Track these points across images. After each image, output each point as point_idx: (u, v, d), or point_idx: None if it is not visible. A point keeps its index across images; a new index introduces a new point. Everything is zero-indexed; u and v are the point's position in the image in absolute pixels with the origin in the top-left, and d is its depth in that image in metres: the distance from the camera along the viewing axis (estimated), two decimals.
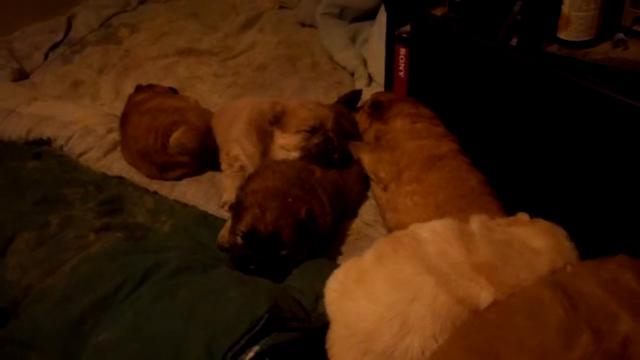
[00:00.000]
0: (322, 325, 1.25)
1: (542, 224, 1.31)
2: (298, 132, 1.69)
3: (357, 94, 2.14)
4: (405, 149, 1.62)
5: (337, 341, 1.18)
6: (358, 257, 1.31)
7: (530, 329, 1.01)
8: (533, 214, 1.58)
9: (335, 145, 1.69)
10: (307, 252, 1.52)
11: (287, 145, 1.71)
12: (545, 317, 1.02)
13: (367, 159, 1.70)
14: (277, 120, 1.72)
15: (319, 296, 1.31)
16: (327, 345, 1.20)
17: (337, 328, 1.20)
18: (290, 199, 1.50)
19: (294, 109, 1.73)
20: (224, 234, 1.64)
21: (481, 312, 1.11)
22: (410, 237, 1.25)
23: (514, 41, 1.63)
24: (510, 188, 1.59)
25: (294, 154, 1.70)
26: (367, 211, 1.77)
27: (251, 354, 1.17)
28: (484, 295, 1.12)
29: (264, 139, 1.76)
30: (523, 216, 1.35)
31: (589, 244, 1.45)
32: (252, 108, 1.85)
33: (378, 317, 1.12)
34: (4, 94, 2.31)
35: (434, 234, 1.23)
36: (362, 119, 1.88)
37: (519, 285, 1.14)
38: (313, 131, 1.69)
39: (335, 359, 1.18)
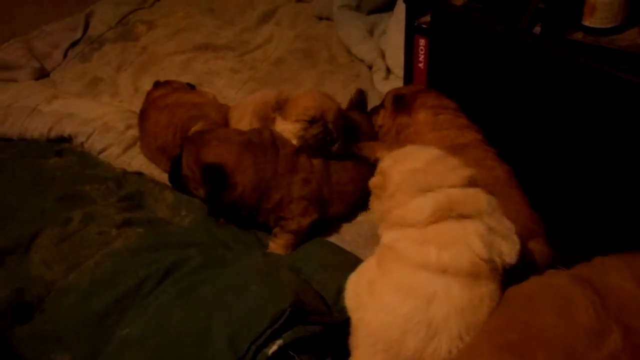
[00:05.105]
0: (345, 319, 1.24)
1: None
2: (297, 120, 1.68)
3: (361, 94, 2.11)
4: (427, 141, 1.60)
5: (362, 344, 1.17)
6: (365, 262, 1.28)
7: (560, 328, 1.00)
8: (558, 205, 1.56)
9: (333, 137, 1.67)
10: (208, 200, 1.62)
11: (285, 132, 1.70)
12: (574, 316, 1.00)
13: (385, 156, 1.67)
14: (280, 107, 1.72)
15: (341, 290, 1.30)
16: (352, 346, 1.19)
17: (361, 335, 1.18)
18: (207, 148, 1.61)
19: (297, 97, 1.73)
20: None
21: (511, 309, 1.09)
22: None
23: (537, 29, 1.59)
24: (536, 180, 1.56)
25: (292, 142, 1.69)
26: None
27: (274, 347, 1.17)
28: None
29: (267, 125, 1.77)
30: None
31: (617, 235, 1.42)
32: (259, 100, 1.87)
33: (400, 329, 1.10)
34: (25, 93, 2.34)
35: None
36: (380, 117, 1.83)
37: None
38: (312, 121, 1.67)
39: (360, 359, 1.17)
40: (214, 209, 1.65)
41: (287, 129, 1.69)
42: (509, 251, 1.14)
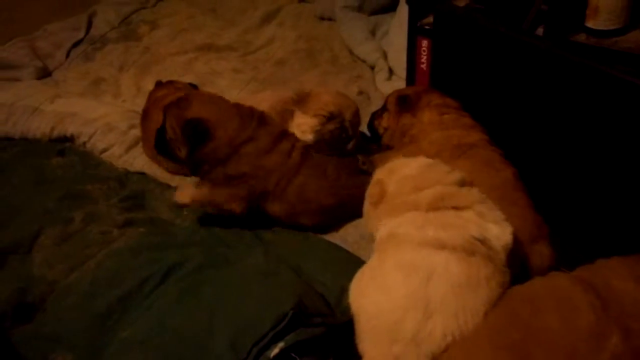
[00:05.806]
0: (347, 320, 1.24)
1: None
2: (316, 115, 1.71)
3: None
4: (433, 139, 1.59)
5: (365, 335, 1.18)
6: (369, 261, 1.29)
7: (561, 331, 1.01)
8: (562, 206, 1.55)
9: (349, 135, 1.71)
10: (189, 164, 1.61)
11: (303, 125, 1.73)
12: (576, 319, 1.02)
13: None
14: (301, 100, 1.76)
15: (343, 290, 1.30)
16: (357, 341, 1.20)
17: (362, 324, 1.19)
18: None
19: (318, 93, 1.77)
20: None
21: (513, 309, 1.09)
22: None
23: (539, 31, 1.59)
24: (540, 181, 1.55)
25: (309, 136, 1.71)
26: None
27: (276, 350, 1.17)
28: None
29: (285, 118, 1.78)
30: None
31: (621, 238, 1.42)
32: (276, 97, 1.87)
33: (400, 309, 1.11)
34: (27, 92, 2.34)
35: None
36: (384, 120, 1.79)
37: None
38: (331, 117, 1.71)
39: (367, 354, 1.17)
40: (192, 167, 1.64)
41: (306, 122, 1.72)
42: (501, 233, 1.20)
